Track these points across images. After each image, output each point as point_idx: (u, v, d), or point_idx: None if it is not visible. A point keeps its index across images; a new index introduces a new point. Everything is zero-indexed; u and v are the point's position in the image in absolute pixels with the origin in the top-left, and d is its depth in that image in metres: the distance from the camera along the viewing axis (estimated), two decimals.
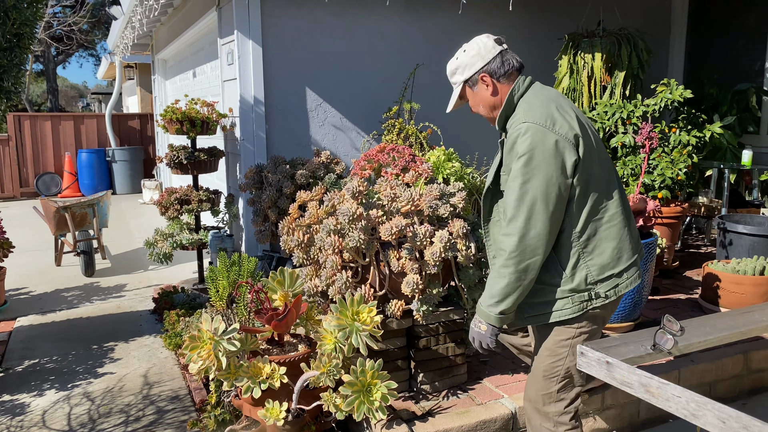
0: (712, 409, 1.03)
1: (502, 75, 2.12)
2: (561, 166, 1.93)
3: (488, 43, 2.13)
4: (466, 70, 2.16)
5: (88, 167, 11.48)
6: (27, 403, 3.47)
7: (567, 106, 2.11)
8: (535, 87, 2.15)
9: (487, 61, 2.11)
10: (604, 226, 2.01)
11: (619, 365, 1.17)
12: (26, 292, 5.57)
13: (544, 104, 2.02)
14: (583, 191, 1.99)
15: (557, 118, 1.98)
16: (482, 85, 2.15)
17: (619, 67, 4.96)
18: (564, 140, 1.94)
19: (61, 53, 23.98)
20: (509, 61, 2.12)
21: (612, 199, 2.04)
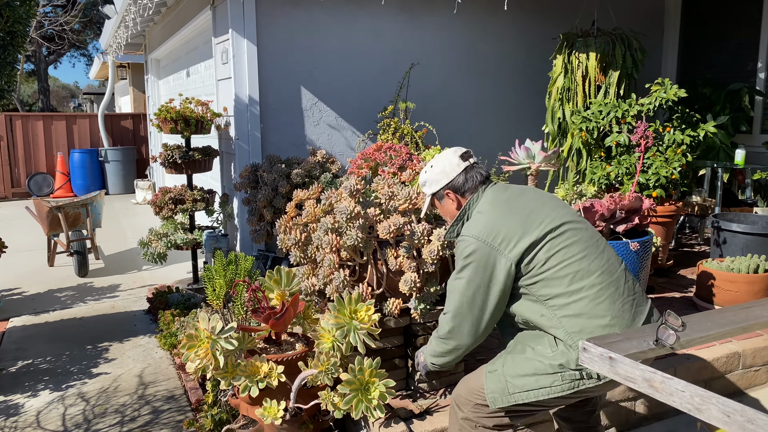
0: (717, 403, 1.03)
1: (466, 191, 2.25)
2: (490, 278, 2.05)
3: (453, 161, 2.26)
4: (433, 186, 2.30)
5: (80, 167, 11.42)
6: (21, 404, 3.45)
7: (524, 208, 2.12)
8: (493, 195, 2.20)
9: (451, 178, 2.25)
10: (582, 294, 1.99)
11: (623, 360, 1.17)
12: (19, 292, 5.53)
13: (492, 217, 2.10)
14: (552, 280, 2.02)
15: (500, 230, 2.06)
16: (448, 200, 2.29)
17: (614, 67, 4.97)
18: (501, 255, 2.04)
19: (53, 53, 23.83)
20: (473, 178, 2.24)
21: (593, 276, 2.01)
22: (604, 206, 3.24)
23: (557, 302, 2.01)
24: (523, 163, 4.39)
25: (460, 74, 5.90)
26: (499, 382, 2.09)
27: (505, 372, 2.08)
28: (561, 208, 2.14)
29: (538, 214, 2.09)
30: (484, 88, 6.04)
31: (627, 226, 3.28)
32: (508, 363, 2.10)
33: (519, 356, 2.09)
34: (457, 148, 2.32)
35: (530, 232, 2.04)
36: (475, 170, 2.25)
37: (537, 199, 2.16)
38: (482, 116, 6.06)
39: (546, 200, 2.17)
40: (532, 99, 6.09)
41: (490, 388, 2.10)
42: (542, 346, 2.05)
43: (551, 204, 2.15)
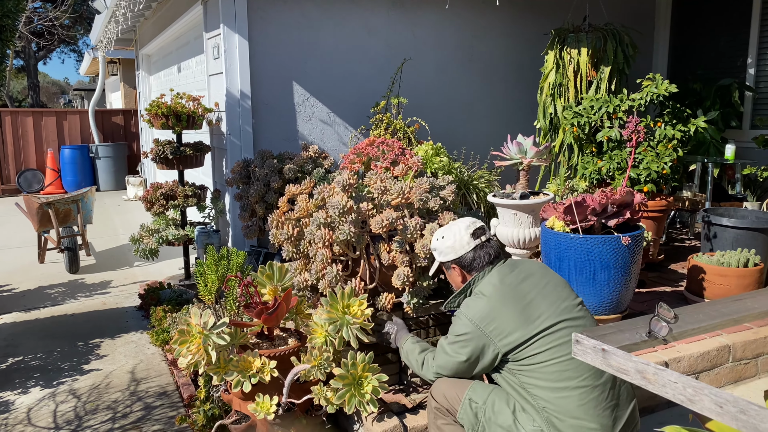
0: (709, 394, 1.04)
1: (473, 269, 2.30)
2: (477, 358, 2.13)
3: (464, 238, 2.30)
4: (441, 256, 2.37)
5: (71, 163, 11.34)
6: (11, 401, 3.43)
7: (524, 297, 2.13)
8: (498, 277, 2.21)
9: (459, 255, 2.30)
10: (565, 393, 2.01)
11: (616, 352, 1.18)
12: (9, 289, 5.49)
13: (490, 304, 2.13)
14: (539, 372, 2.05)
15: (495, 319, 2.10)
16: (454, 272, 2.36)
17: (605, 62, 4.99)
18: (491, 343, 2.10)
19: (42, 49, 23.62)
20: (481, 258, 2.28)
21: (579, 379, 2.02)
22: (596, 201, 3.24)
23: (541, 393, 2.05)
24: (515, 159, 4.39)
25: (452, 70, 5.90)
26: (474, 415, 2.17)
27: (485, 410, 2.15)
28: (562, 302, 2.13)
29: (537, 308, 2.10)
30: (476, 84, 6.05)
31: (618, 220, 3.29)
32: (490, 404, 2.15)
33: (504, 407, 2.13)
34: (471, 222, 2.34)
35: (524, 327, 2.06)
36: (485, 249, 2.29)
37: (540, 288, 2.16)
38: (474, 111, 6.06)
39: (549, 290, 2.16)
40: (524, 94, 6.09)
41: (463, 413, 2.19)
42: (525, 417, 2.09)
43: (553, 296, 2.14)
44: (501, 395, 2.16)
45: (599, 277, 3.23)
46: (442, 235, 2.37)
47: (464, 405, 2.19)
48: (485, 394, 2.18)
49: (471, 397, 2.19)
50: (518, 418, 2.09)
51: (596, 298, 3.26)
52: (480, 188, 4.91)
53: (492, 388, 2.20)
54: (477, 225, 2.33)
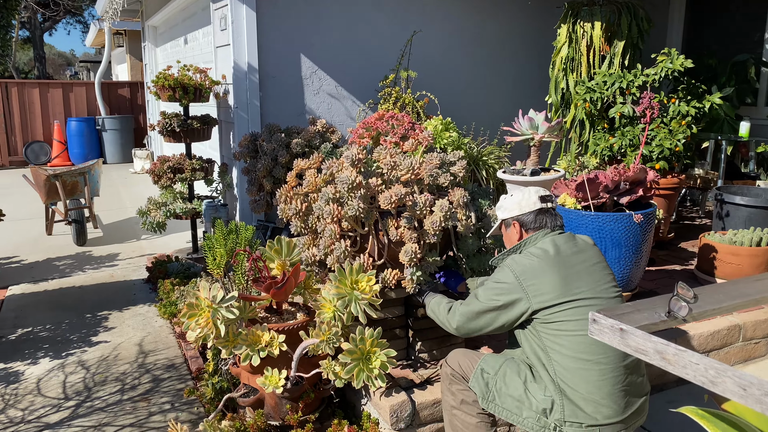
0: (732, 376, 1.01)
1: (531, 228, 2.31)
2: (505, 307, 2.14)
3: (532, 198, 2.32)
4: (505, 212, 2.38)
5: (77, 136, 11.30)
6: (21, 372, 3.45)
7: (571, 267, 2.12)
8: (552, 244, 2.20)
9: (523, 212, 2.31)
10: (585, 366, 2.02)
11: (634, 332, 1.15)
12: (17, 260, 5.51)
13: (536, 264, 2.14)
14: (564, 337, 2.05)
15: (537, 277, 2.11)
16: (513, 229, 2.36)
17: (619, 37, 4.89)
18: (525, 297, 2.11)
19: (48, 20, 23.45)
20: (542, 220, 2.30)
21: (603, 355, 2.02)
22: (609, 177, 3.20)
23: (561, 360, 2.05)
24: (526, 134, 4.33)
25: (462, 43, 5.80)
26: (485, 384, 2.19)
27: (496, 380, 2.18)
28: (604, 284, 2.14)
29: (580, 280, 2.10)
30: (487, 58, 5.95)
31: (631, 197, 3.25)
32: (501, 374, 2.18)
33: (515, 377, 2.15)
34: (542, 189, 2.37)
35: (562, 291, 2.07)
36: (548, 216, 2.30)
37: (589, 265, 2.16)
38: (485, 86, 5.98)
39: (596, 270, 2.16)
40: (536, 69, 6.00)
41: (475, 381, 2.22)
42: (537, 386, 2.10)
43: (597, 276, 2.14)
44: (512, 367, 2.18)
45: (610, 254, 3.20)
46: (511, 194, 2.40)
47: (476, 374, 2.22)
48: (497, 365, 2.21)
49: (483, 368, 2.22)
50: (529, 388, 2.11)
51: None
52: (489, 164, 4.86)
53: (504, 359, 2.23)
54: (547, 192, 2.36)
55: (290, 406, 2.60)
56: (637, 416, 2.09)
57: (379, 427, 2.60)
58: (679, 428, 2.83)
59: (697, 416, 1.31)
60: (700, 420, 1.30)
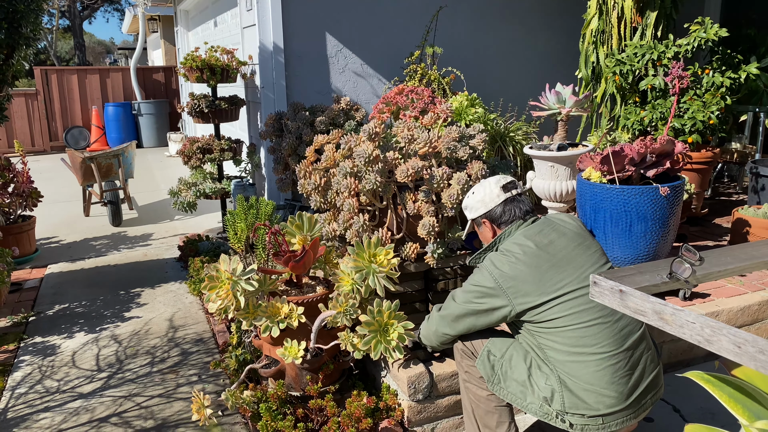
0: (727, 334, 0.99)
1: (503, 222, 2.26)
2: (486, 311, 2.12)
3: (494, 191, 2.27)
4: (472, 212, 2.35)
5: (114, 121, 11.57)
6: (58, 345, 3.59)
7: (548, 260, 2.07)
8: (524, 236, 2.16)
9: (489, 208, 2.27)
10: (581, 359, 1.98)
11: (633, 293, 1.13)
12: (56, 241, 5.70)
13: (513, 262, 2.09)
14: (556, 335, 2.02)
15: (516, 278, 2.06)
16: (485, 227, 2.33)
17: (651, 7, 4.74)
18: (507, 301, 2.07)
19: (87, 8, 23.95)
20: (511, 211, 2.25)
21: (597, 346, 1.98)
22: (634, 150, 3.12)
23: (556, 356, 2.03)
24: (553, 108, 4.26)
25: (489, 18, 5.71)
26: (491, 367, 2.18)
27: (502, 363, 2.16)
28: (589, 267, 2.07)
29: (561, 271, 2.05)
30: (514, 32, 5.85)
31: (657, 170, 3.17)
32: (507, 359, 2.15)
33: (521, 362, 2.12)
34: (502, 177, 2.31)
35: (543, 289, 2.03)
36: (515, 203, 2.26)
37: (569, 250, 2.10)
38: (512, 61, 5.88)
39: (577, 253, 2.10)
40: (565, 43, 5.87)
41: (481, 363, 2.20)
42: (540, 373, 2.08)
43: (581, 260, 2.08)
44: (519, 350, 2.15)
45: (635, 228, 3.13)
46: (473, 191, 2.34)
47: (482, 355, 2.20)
48: (504, 347, 2.18)
49: (490, 349, 2.20)
50: (532, 374, 2.09)
51: (632, 251, 3.17)
52: (517, 140, 4.80)
53: (511, 342, 2.20)
54: (507, 179, 2.29)
55: (310, 377, 2.65)
56: (648, 394, 2.05)
57: (398, 399, 2.62)
58: (701, 399, 2.78)
59: (702, 380, 1.29)
60: (706, 384, 1.28)
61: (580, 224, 2.22)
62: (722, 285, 3.28)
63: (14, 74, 3.75)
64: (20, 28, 3.52)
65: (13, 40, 3.55)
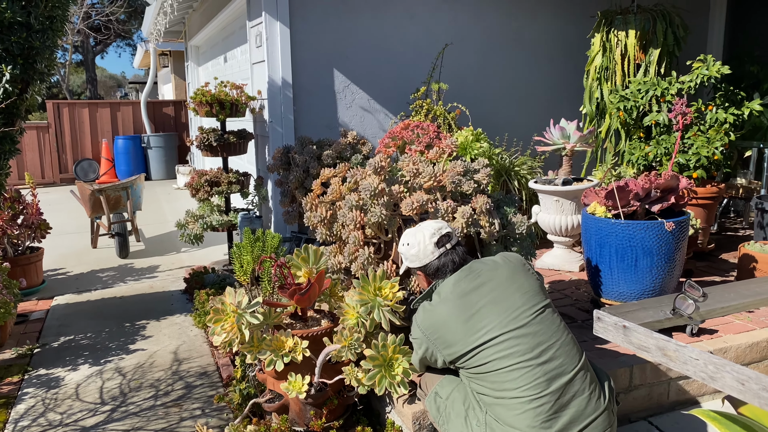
0: (731, 371, 0.99)
1: (436, 276, 2.35)
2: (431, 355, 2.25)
3: (428, 248, 2.34)
4: (407, 262, 2.43)
5: (124, 153, 11.71)
6: (62, 377, 3.58)
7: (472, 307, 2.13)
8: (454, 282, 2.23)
9: (423, 264, 2.36)
10: (504, 402, 2.04)
11: (636, 329, 1.14)
12: (64, 272, 5.72)
13: (439, 313, 2.19)
14: (482, 380, 2.10)
15: (440, 329, 2.18)
16: (420, 277, 2.46)
17: (654, 44, 4.82)
18: (437, 350, 2.21)
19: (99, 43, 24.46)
20: (445, 265, 2.32)
21: (520, 389, 2.01)
22: (639, 185, 3.14)
23: (485, 399, 2.11)
24: (557, 144, 4.30)
25: (494, 54, 5.80)
26: (437, 408, 2.29)
27: (446, 405, 2.25)
28: (514, 310, 2.09)
29: (483, 318, 2.09)
30: (519, 69, 5.93)
31: (662, 205, 3.18)
32: (451, 400, 2.24)
33: (460, 405, 2.20)
34: (436, 229, 2.36)
35: (465, 339, 2.10)
36: (450, 256, 2.33)
37: (494, 295, 2.13)
38: (517, 97, 5.96)
39: (503, 298, 2.12)
40: (570, 79, 5.95)
41: (429, 404, 2.32)
42: (473, 415, 2.14)
43: (506, 304, 2.10)
44: (461, 392, 2.23)
45: (641, 263, 3.13)
46: (407, 241, 2.41)
47: (430, 396, 2.31)
48: (449, 389, 2.27)
49: (437, 392, 2.30)
50: (469, 415, 2.16)
51: (638, 285, 3.17)
52: (522, 174, 4.83)
53: (456, 384, 2.27)
54: (442, 232, 2.35)
55: (314, 412, 2.63)
56: None
57: None
58: None
59: (708, 418, 1.28)
60: (712, 422, 1.27)
61: (516, 265, 2.25)
62: (730, 321, 3.25)
63: (28, 108, 3.82)
64: (35, 63, 3.60)
65: (28, 75, 3.62)
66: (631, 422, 2.77)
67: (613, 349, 2.89)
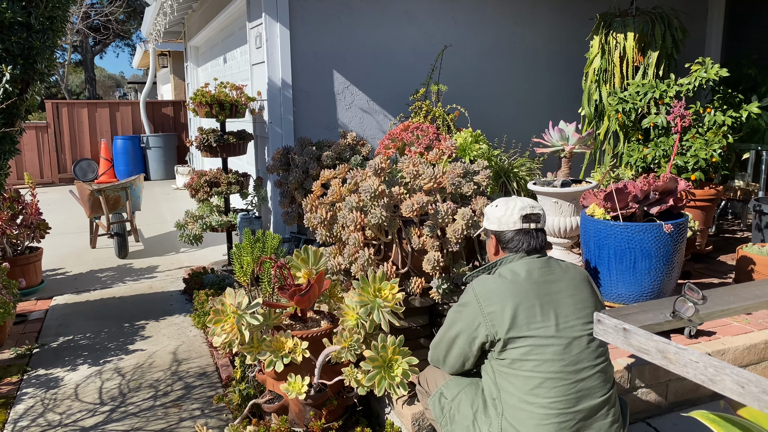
0: (731, 374, 1.00)
1: (508, 248, 2.24)
2: (463, 336, 2.11)
3: (514, 216, 2.22)
4: (486, 223, 2.34)
5: (123, 153, 11.70)
6: (61, 377, 3.58)
7: (534, 298, 2.03)
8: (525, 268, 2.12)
9: (501, 229, 2.25)
10: (529, 408, 1.96)
11: (637, 332, 1.14)
12: (63, 272, 5.72)
13: (502, 290, 2.06)
14: (514, 378, 2.01)
15: (497, 305, 2.04)
16: (491, 242, 2.32)
17: (653, 47, 4.83)
18: (484, 323, 2.05)
19: (98, 43, 24.43)
20: (520, 241, 2.21)
21: (549, 399, 1.95)
22: (638, 187, 3.15)
23: (508, 400, 2.01)
24: (556, 146, 4.31)
25: (493, 56, 5.82)
26: (440, 409, 2.22)
27: (451, 407, 2.19)
28: (573, 320, 2.01)
29: (545, 314, 2.00)
30: (518, 70, 5.95)
31: (661, 207, 3.19)
32: (457, 402, 2.18)
33: (468, 407, 2.13)
34: (530, 205, 2.24)
35: (521, 323, 1.99)
36: (529, 237, 2.20)
37: (561, 297, 2.05)
38: (516, 99, 5.97)
39: (564, 304, 2.04)
40: (569, 81, 5.96)
41: (432, 404, 2.26)
42: (484, 419, 2.08)
43: (564, 311, 2.02)
44: (469, 395, 2.15)
45: (639, 265, 3.14)
46: (496, 204, 2.30)
47: (434, 396, 2.25)
48: (456, 391, 2.20)
49: (442, 392, 2.24)
50: (477, 420, 2.09)
51: (636, 287, 3.18)
52: (521, 176, 4.84)
53: (464, 386, 2.19)
54: (534, 211, 2.22)
55: (314, 413, 2.63)
56: None
57: None
58: None
59: (708, 420, 1.29)
60: (711, 424, 1.28)
61: (583, 277, 2.15)
62: (728, 323, 3.27)
63: (27, 108, 3.82)
64: (35, 64, 3.60)
65: (28, 76, 3.63)
66: (630, 424, 2.78)
67: (610, 349, 2.90)
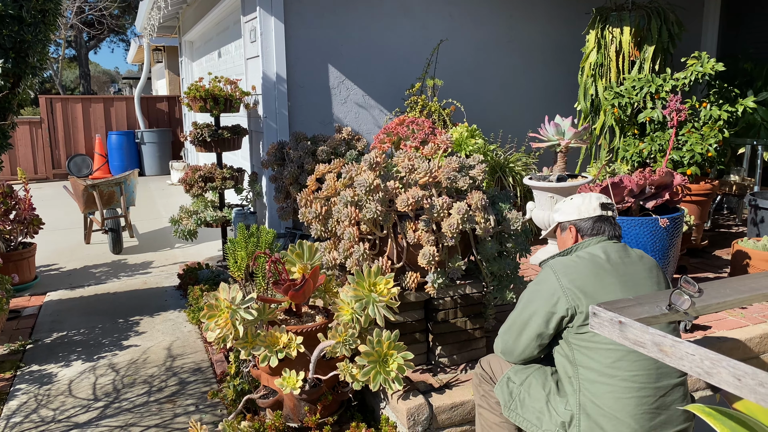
0: (727, 366, 0.99)
1: (586, 235, 2.26)
2: (546, 317, 2.07)
3: (592, 204, 2.27)
4: (562, 216, 2.34)
5: (117, 149, 11.65)
6: (54, 373, 3.56)
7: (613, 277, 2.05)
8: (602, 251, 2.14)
9: (581, 217, 2.27)
10: (611, 382, 1.96)
11: (633, 325, 1.13)
12: (56, 268, 5.69)
13: (580, 269, 2.07)
14: (595, 351, 2.00)
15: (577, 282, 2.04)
16: (568, 233, 2.32)
17: (649, 41, 4.82)
18: (563, 297, 2.04)
19: (93, 38, 24.30)
20: (599, 228, 2.24)
21: (632, 372, 1.95)
22: (633, 182, 3.15)
23: (587, 375, 2.01)
24: (552, 140, 4.30)
25: (490, 50, 5.80)
26: (509, 393, 2.19)
27: (521, 391, 2.17)
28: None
29: (622, 290, 2.02)
30: (514, 65, 5.93)
31: (657, 202, 3.19)
32: (527, 385, 2.16)
33: (539, 389, 2.13)
34: (605, 198, 2.31)
35: (598, 300, 1.98)
36: (606, 224, 2.25)
37: (636, 276, 2.08)
38: (512, 93, 5.96)
39: (643, 283, 2.07)
40: (565, 76, 5.95)
41: (500, 389, 2.22)
42: (559, 399, 2.08)
43: (643, 289, 2.06)
44: (539, 378, 2.15)
45: None
46: (572, 197, 2.35)
47: (502, 381, 2.22)
48: (524, 375, 2.19)
49: (510, 377, 2.21)
50: (551, 401, 2.08)
51: None
52: (516, 171, 4.83)
53: (532, 371, 2.19)
54: (609, 202, 2.30)
55: (308, 408, 2.62)
56: None
57: (397, 431, 2.60)
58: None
59: (704, 414, 1.28)
60: (707, 417, 1.27)
61: (655, 264, 2.19)
62: (723, 317, 3.27)
63: (20, 103, 3.79)
64: (27, 57, 3.57)
65: (20, 69, 3.60)
66: None
67: None
